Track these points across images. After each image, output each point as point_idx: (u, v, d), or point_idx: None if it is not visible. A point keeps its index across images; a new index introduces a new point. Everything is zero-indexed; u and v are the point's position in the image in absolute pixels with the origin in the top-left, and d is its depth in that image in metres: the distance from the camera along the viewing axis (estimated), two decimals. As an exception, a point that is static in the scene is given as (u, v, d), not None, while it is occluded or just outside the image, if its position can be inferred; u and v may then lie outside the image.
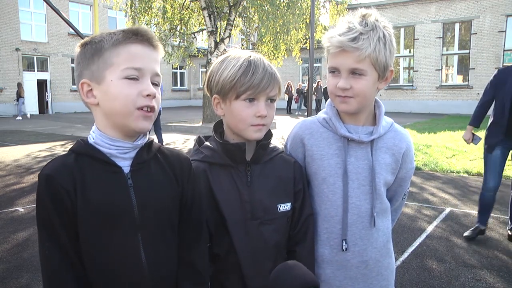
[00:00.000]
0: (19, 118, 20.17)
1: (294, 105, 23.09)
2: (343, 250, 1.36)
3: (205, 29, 15.65)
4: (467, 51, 21.19)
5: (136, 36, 1.08)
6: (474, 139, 4.24)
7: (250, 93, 1.25)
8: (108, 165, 1.09)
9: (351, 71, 1.27)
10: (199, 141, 1.38)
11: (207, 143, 1.35)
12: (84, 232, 1.06)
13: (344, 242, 1.36)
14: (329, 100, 1.44)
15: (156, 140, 1.24)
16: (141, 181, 1.12)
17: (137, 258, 1.10)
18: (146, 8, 15.61)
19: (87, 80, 1.10)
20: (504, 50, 20.06)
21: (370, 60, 1.25)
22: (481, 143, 4.22)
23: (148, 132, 1.16)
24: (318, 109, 20.08)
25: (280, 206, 1.32)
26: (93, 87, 1.10)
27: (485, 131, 4.09)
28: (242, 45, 22.08)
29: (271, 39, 14.89)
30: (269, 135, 1.36)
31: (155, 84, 1.12)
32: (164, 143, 9.82)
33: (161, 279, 1.14)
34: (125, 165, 1.11)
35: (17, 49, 23.36)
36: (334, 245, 1.37)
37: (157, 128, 9.86)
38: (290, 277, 1.05)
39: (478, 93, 20.74)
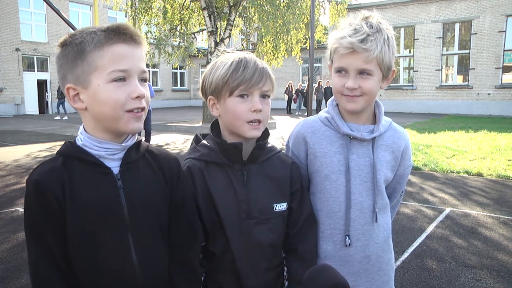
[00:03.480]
0: (66, 118, 19.53)
1: (294, 105, 23.09)
2: (346, 245, 1.39)
3: (205, 29, 15.65)
4: (467, 51, 21.19)
5: (118, 35, 1.05)
6: None
7: (242, 88, 1.27)
8: (97, 167, 1.09)
9: (359, 71, 1.31)
10: (196, 139, 1.40)
11: (204, 141, 1.36)
12: (74, 235, 1.05)
13: (347, 237, 1.39)
14: (330, 99, 1.49)
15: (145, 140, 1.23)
16: (130, 182, 1.11)
17: (128, 257, 1.10)
18: (146, 8, 15.61)
19: (73, 85, 1.07)
20: (504, 50, 20.05)
21: (377, 61, 1.31)
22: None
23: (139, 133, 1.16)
24: (318, 109, 20.07)
25: (276, 206, 1.33)
26: (79, 92, 1.07)
27: None
28: (242, 45, 22.08)
29: (271, 39, 14.90)
30: (266, 135, 1.37)
31: (142, 80, 1.10)
32: (151, 142, 9.57)
33: (152, 278, 1.14)
34: (114, 165, 1.11)
35: (17, 49, 23.37)
36: (337, 241, 1.40)
37: (147, 126, 9.58)
38: (322, 279, 1.05)
39: (478, 93, 20.75)
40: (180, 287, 1.19)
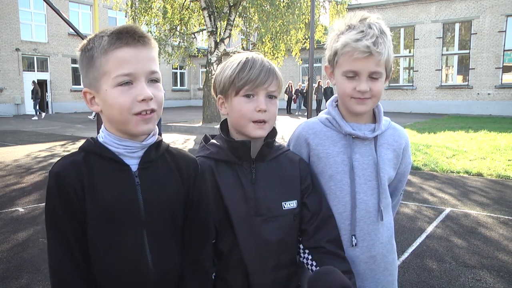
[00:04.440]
0: (42, 117, 20.11)
1: (294, 105, 23.09)
2: (352, 245, 1.38)
3: (205, 29, 15.65)
4: (467, 51, 21.18)
5: (120, 39, 1.06)
6: None
7: (248, 88, 1.28)
8: (117, 164, 1.11)
9: (370, 74, 1.32)
10: (205, 139, 1.41)
11: (213, 140, 1.38)
12: (91, 229, 1.08)
13: (353, 237, 1.38)
14: (329, 100, 1.49)
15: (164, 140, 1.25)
16: (148, 180, 1.13)
17: (142, 254, 1.11)
18: (146, 8, 15.62)
19: (88, 89, 1.12)
20: (504, 50, 20.04)
21: (385, 63, 1.32)
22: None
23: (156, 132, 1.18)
24: (318, 109, 20.07)
25: (285, 203, 1.33)
26: (94, 95, 1.12)
27: None
28: (242, 45, 22.08)
29: (271, 39, 14.90)
30: (274, 133, 1.38)
31: (154, 81, 1.12)
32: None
33: (165, 275, 1.15)
34: (133, 163, 1.13)
35: (17, 49, 23.37)
36: (342, 241, 1.39)
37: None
38: (328, 282, 1.05)
39: (478, 93, 20.75)
40: (192, 286, 1.20)
